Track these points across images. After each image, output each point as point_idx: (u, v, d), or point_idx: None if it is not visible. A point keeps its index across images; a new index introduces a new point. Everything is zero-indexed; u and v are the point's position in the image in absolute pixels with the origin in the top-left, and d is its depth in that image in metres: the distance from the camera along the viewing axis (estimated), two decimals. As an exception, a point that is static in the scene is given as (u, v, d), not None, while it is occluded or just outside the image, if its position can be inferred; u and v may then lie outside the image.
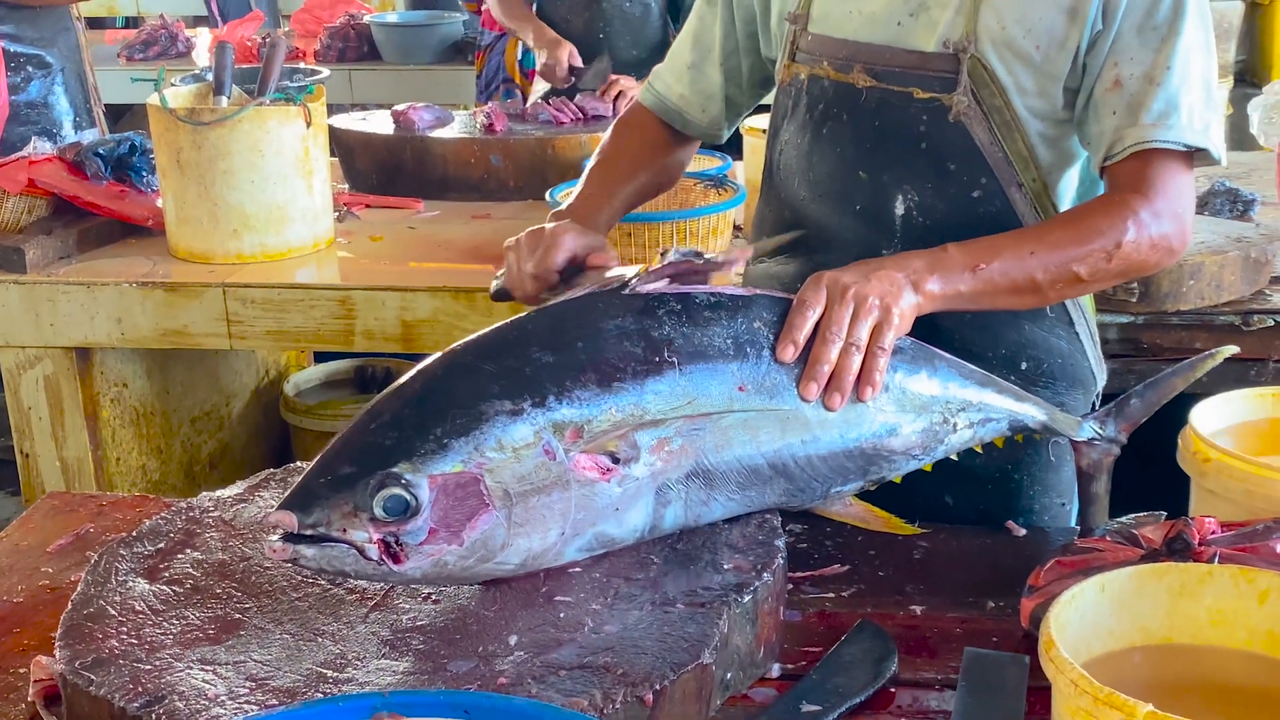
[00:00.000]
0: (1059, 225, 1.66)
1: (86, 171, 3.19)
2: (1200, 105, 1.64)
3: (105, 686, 1.21)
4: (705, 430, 1.42)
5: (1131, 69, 1.64)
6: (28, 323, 3.00)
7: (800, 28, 1.82)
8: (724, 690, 1.30)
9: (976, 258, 1.57)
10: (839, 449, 1.49)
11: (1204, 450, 1.53)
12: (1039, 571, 1.42)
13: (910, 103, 1.72)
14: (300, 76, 3.33)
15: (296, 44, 6.08)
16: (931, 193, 1.73)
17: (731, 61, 1.96)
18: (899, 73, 1.72)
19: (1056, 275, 1.60)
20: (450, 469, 1.31)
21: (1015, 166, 1.72)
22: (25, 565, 1.62)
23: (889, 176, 1.75)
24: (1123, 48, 1.64)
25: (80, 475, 3.12)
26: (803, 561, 1.56)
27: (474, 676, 1.21)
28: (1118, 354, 2.71)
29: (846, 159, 1.78)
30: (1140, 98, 1.63)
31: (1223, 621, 1.21)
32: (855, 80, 1.75)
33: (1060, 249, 1.60)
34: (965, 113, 1.69)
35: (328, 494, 1.30)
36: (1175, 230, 1.64)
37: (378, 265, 3.05)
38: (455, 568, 1.32)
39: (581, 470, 1.35)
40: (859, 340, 1.47)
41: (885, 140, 1.75)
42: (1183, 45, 1.63)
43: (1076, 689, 1.05)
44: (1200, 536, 1.35)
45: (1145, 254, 1.63)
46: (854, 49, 1.76)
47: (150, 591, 1.37)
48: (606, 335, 1.41)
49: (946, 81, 1.70)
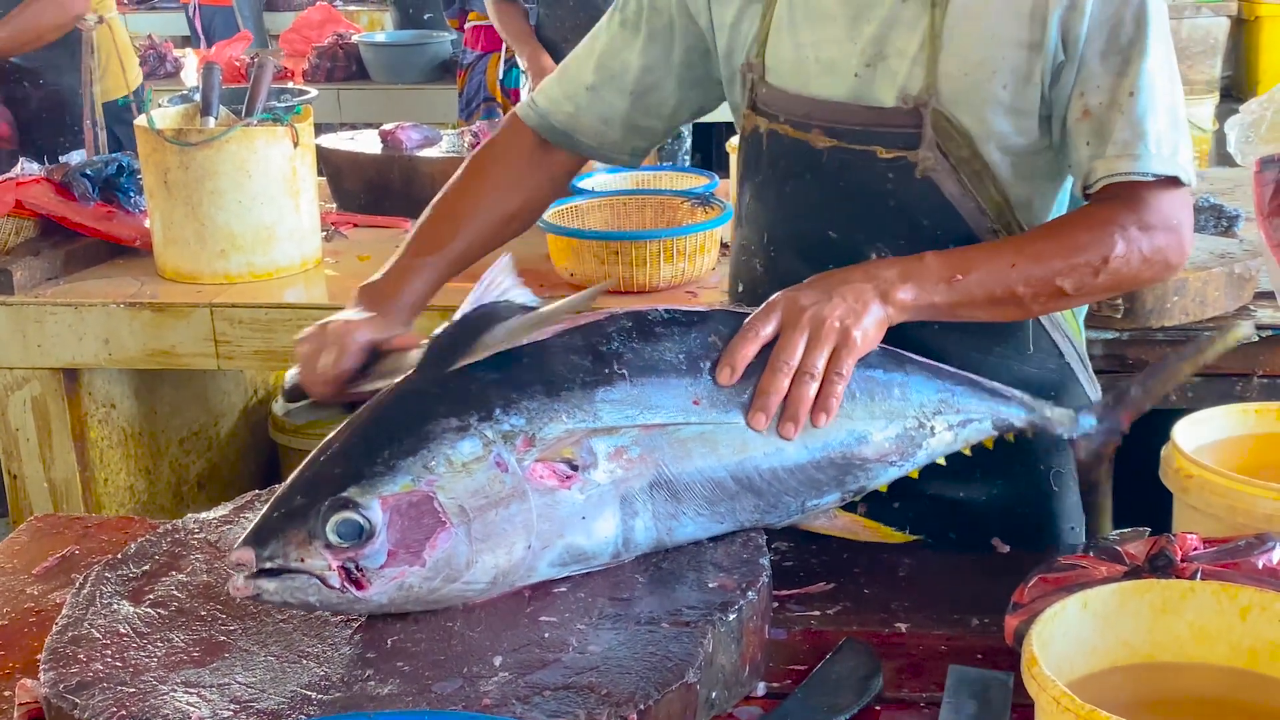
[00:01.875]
0: (1042, 237, 1.62)
1: (74, 192, 3.19)
2: (1167, 130, 1.60)
3: (89, 710, 1.21)
4: (662, 441, 1.42)
5: (1098, 97, 1.60)
6: (15, 344, 2.99)
7: (757, 76, 1.76)
8: (709, 709, 1.30)
9: (954, 268, 1.55)
10: (805, 461, 1.48)
11: (1186, 466, 1.54)
12: (1023, 588, 1.42)
13: (874, 162, 1.67)
14: (288, 96, 3.34)
15: (285, 64, 6.10)
16: (905, 249, 1.64)
17: (651, 97, 1.88)
18: (859, 131, 1.68)
19: (1038, 289, 1.58)
20: (400, 488, 1.31)
21: (989, 214, 1.68)
22: (10, 587, 1.62)
23: (860, 236, 1.70)
24: (1088, 76, 1.61)
25: (68, 496, 3.12)
26: (788, 579, 1.56)
27: (459, 697, 1.21)
28: (1103, 370, 2.70)
29: (814, 219, 1.73)
30: (1108, 127, 1.59)
31: (1205, 637, 1.21)
32: (813, 140, 1.71)
33: (1042, 262, 1.57)
34: (933, 168, 1.65)
35: (282, 526, 1.30)
36: (1170, 243, 1.61)
37: (365, 284, 3.04)
38: (421, 590, 1.32)
39: (538, 479, 1.36)
40: (814, 369, 1.45)
41: (851, 200, 1.70)
42: (1147, 69, 1.59)
43: (1059, 706, 1.05)
44: (1183, 553, 1.35)
45: (1137, 269, 1.59)
46: (810, 106, 1.71)
47: (135, 614, 1.37)
48: (552, 350, 1.42)
49: (909, 137, 1.65)
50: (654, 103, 1.89)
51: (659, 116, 1.91)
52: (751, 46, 1.77)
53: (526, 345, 1.42)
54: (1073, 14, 1.60)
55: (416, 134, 3.60)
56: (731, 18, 1.78)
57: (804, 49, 1.71)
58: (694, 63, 1.86)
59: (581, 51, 1.92)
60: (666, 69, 1.86)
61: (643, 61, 1.86)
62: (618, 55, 1.87)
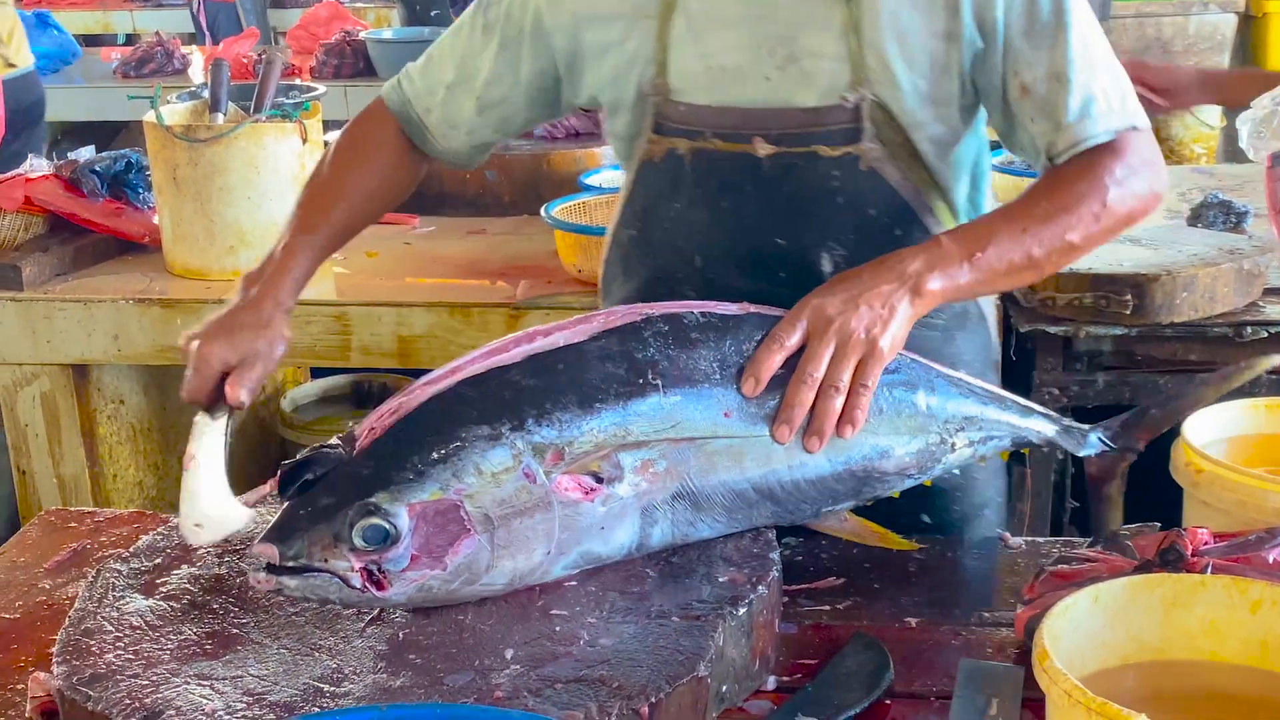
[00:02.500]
0: (1042, 197, 1.62)
1: (83, 189, 3.20)
2: (1111, 84, 1.63)
3: (103, 702, 1.21)
4: (689, 454, 1.41)
5: (1034, 73, 1.62)
6: (24, 340, 3.00)
7: (662, 98, 1.72)
8: (719, 703, 1.30)
9: (971, 246, 1.54)
10: (827, 473, 1.48)
11: (1197, 462, 1.54)
12: (1033, 583, 1.42)
13: (817, 161, 1.66)
14: (296, 93, 3.33)
15: (292, 60, 6.10)
16: (856, 244, 1.67)
17: (498, 110, 1.85)
18: (798, 133, 1.66)
19: (1051, 247, 1.58)
20: (428, 496, 1.31)
21: (924, 195, 1.70)
22: (22, 581, 1.63)
23: (810, 239, 1.69)
24: (1017, 56, 1.62)
25: (77, 492, 3.12)
26: (798, 574, 1.56)
27: (470, 690, 1.22)
28: (1112, 366, 2.72)
29: (759, 229, 1.70)
30: (1054, 99, 1.61)
31: (1215, 632, 1.21)
32: (754, 149, 1.67)
33: (1051, 221, 1.58)
34: (877, 159, 1.66)
35: (307, 526, 1.31)
36: (1153, 178, 1.64)
37: (374, 281, 3.05)
38: (441, 591, 1.33)
39: (564, 491, 1.36)
40: (840, 382, 1.44)
41: (799, 203, 1.69)
42: (1076, 36, 1.61)
43: (1070, 700, 1.05)
44: (1193, 547, 1.35)
45: (1131, 206, 1.61)
46: (741, 116, 1.68)
47: (147, 607, 1.38)
48: (589, 356, 1.40)
49: (849, 133, 1.65)
50: (500, 116, 1.86)
51: (502, 130, 1.88)
52: (648, 68, 1.71)
53: (563, 349, 1.40)
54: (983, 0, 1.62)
55: (424, 130, 3.60)
56: (617, 37, 1.73)
57: (710, 58, 1.68)
58: (546, 85, 1.82)
59: (447, 42, 1.87)
60: (514, 83, 1.82)
61: (492, 70, 1.82)
62: (476, 57, 1.83)
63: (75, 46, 6.62)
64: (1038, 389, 2.72)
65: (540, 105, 1.85)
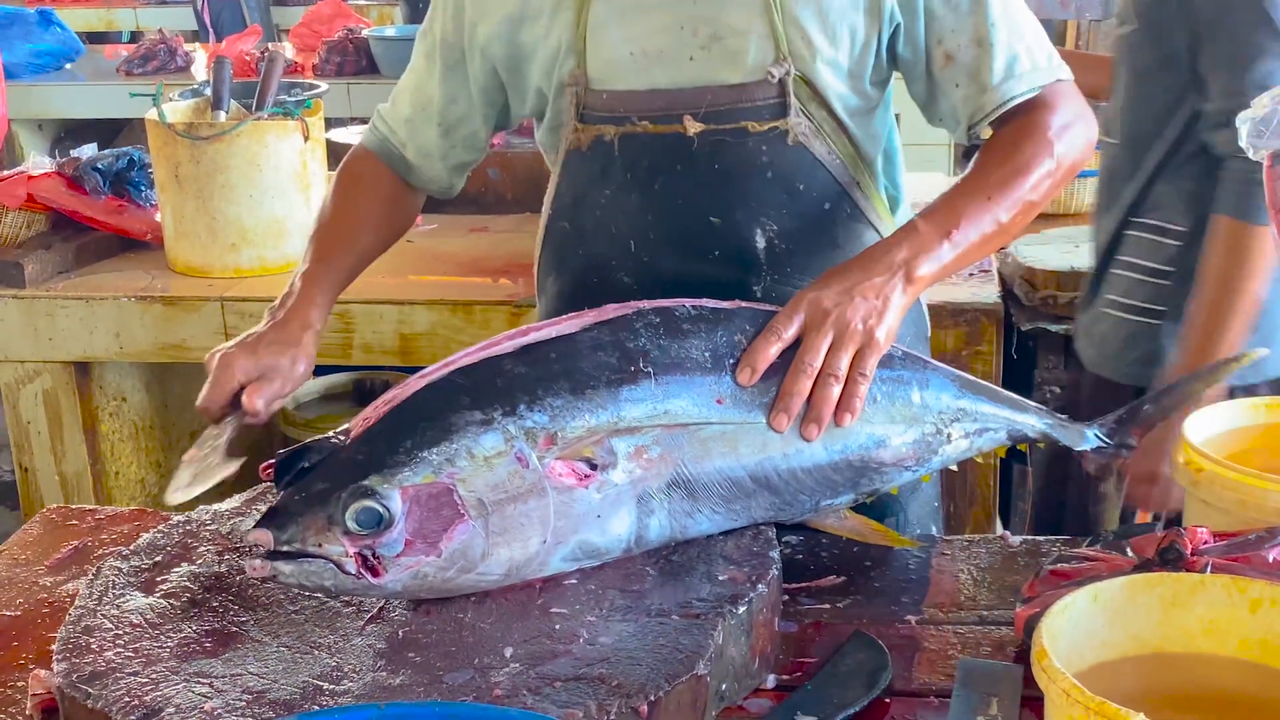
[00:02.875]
0: (994, 164, 1.65)
1: (85, 186, 3.20)
2: (1034, 41, 1.68)
3: (102, 700, 1.22)
4: (683, 440, 1.42)
5: (956, 40, 1.67)
6: (27, 337, 3.01)
7: (581, 88, 1.73)
8: (719, 701, 1.30)
9: (947, 224, 1.58)
10: (824, 462, 1.49)
11: (1196, 460, 1.54)
12: (1033, 581, 1.42)
13: (746, 137, 1.69)
14: (298, 91, 3.34)
15: (294, 58, 6.09)
16: (787, 218, 1.71)
17: (461, 130, 1.87)
18: (726, 110, 1.68)
19: (1015, 209, 1.63)
20: (421, 480, 1.32)
21: (849, 167, 1.74)
22: (23, 579, 1.63)
23: (742, 215, 1.71)
24: (939, 24, 1.67)
25: (79, 489, 3.13)
26: (798, 573, 1.56)
27: (470, 688, 1.22)
28: (1113, 364, 2.71)
29: (692, 209, 1.72)
30: (979, 63, 1.66)
31: (1215, 631, 1.21)
32: (684, 128, 1.69)
33: (1010, 184, 1.62)
34: (803, 133, 1.69)
35: (301, 510, 1.31)
36: (1088, 127, 1.70)
37: (375, 279, 3.03)
38: (436, 579, 1.33)
39: (557, 477, 1.36)
40: (838, 370, 1.46)
41: (730, 180, 1.71)
42: (994, 2, 1.66)
43: (1069, 699, 1.05)
44: (1193, 546, 1.35)
45: (1075, 156, 1.67)
46: (669, 98, 1.69)
47: (147, 605, 1.38)
48: (581, 346, 1.42)
49: (775, 108, 1.68)
50: (464, 135, 1.88)
51: (473, 149, 1.91)
52: (567, 59, 1.72)
53: (555, 339, 1.42)
54: None
55: (426, 128, 3.60)
56: (541, 32, 1.74)
57: (628, 44, 1.69)
58: (495, 99, 1.85)
59: (403, 80, 1.91)
60: (469, 101, 1.85)
61: (444, 93, 1.85)
62: (425, 85, 1.87)
63: (78, 44, 6.62)
64: (1039, 387, 2.73)
65: (497, 118, 1.89)
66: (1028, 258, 2.79)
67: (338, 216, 1.87)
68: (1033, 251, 2.83)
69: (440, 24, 1.83)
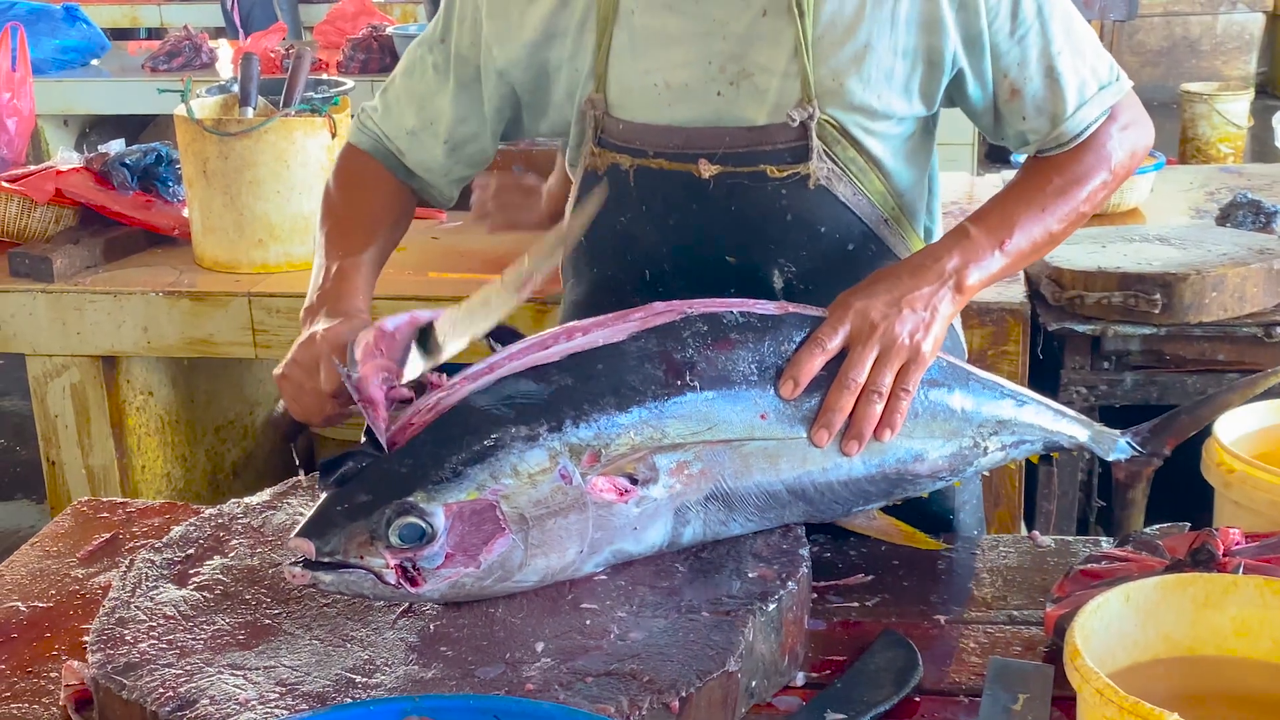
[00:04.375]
0: (1052, 172, 1.63)
1: (113, 181, 3.22)
2: (1095, 55, 1.64)
3: (137, 691, 1.22)
4: (725, 456, 1.41)
5: (1024, 73, 1.61)
6: (55, 331, 3.02)
7: (600, 112, 1.67)
8: (749, 698, 1.30)
9: (1000, 233, 1.56)
10: (861, 475, 1.48)
11: (1228, 461, 1.54)
12: (1064, 581, 1.42)
13: (765, 182, 1.62)
14: (325, 88, 3.35)
15: (319, 55, 6.12)
16: (807, 259, 1.65)
17: (469, 148, 1.80)
18: (744, 153, 1.62)
19: (1067, 220, 1.62)
20: (465, 496, 1.32)
21: (878, 205, 1.67)
22: (55, 571, 1.64)
23: (759, 256, 1.66)
24: (1004, 59, 1.61)
25: (106, 483, 3.14)
26: (827, 571, 1.56)
27: (501, 682, 1.22)
28: (1140, 365, 2.71)
29: (707, 246, 1.66)
30: (1048, 95, 1.62)
31: (1247, 632, 1.21)
32: (698, 170, 1.63)
33: (1066, 195, 1.61)
34: (826, 176, 1.62)
35: (344, 522, 1.31)
36: (1145, 131, 1.69)
37: (400, 275, 3.06)
38: (473, 588, 1.33)
39: (599, 493, 1.36)
40: (881, 387, 1.44)
41: (746, 222, 1.64)
42: (1057, 25, 1.61)
43: (1102, 698, 1.05)
44: (1224, 547, 1.35)
45: (1130, 165, 1.66)
46: (686, 136, 1.63)
47: (180, 597, 1.39)
48: (628, 357, 1.40)
49: (798, 151, 1.61)
50: (472, 153, 1.81)
51: (477, 164, 1.84)
52: (588, 82, 1.67)
53: (603, 349, 1.40)
54: (966, 14, 1.58)
55: (452, 125, 3.61)
56: (568, 53, 1.68)
57: (651, 75, 1.63)
58: (510, 116, 1.78)
59: (400, 85, 1.81)
60: (481, 120, 1.77)
61: (455, 112, 1.77)
62: (434, 99, 1.78)
63: (103, 39, 6.66)
64: (1065, 388, 2.72)
65: (505, 132, 1.81)
66: (1055, 257, 2.78)
67: (351, 214, 1.78)
68: (1060, 251, 2.82)
69: (456, 38, 1.75)
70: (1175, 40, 8.82)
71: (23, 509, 4.44)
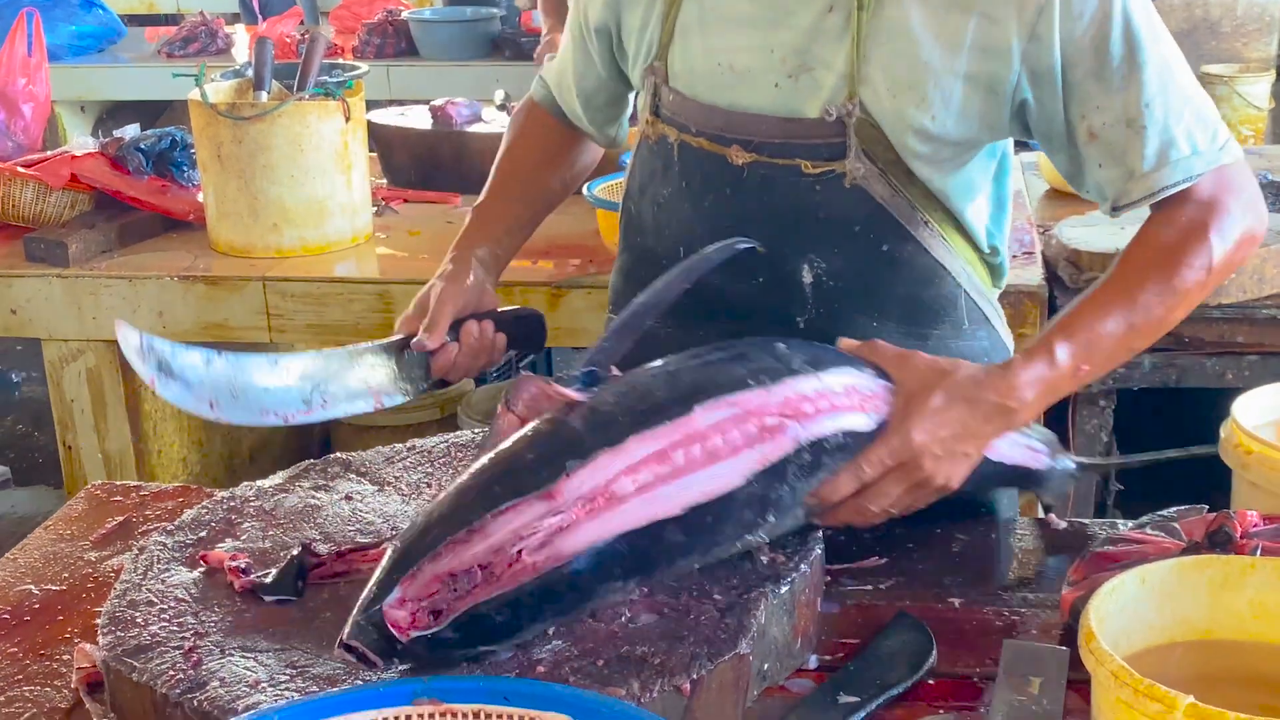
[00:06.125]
0: (1150, 275, 1.50)
1: (128, 166, 3.22)
2: (1194, 122, 1.51)
3: (147, 673, 1.23)
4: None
5: (1103, 118, 1.50)
6: (70, 316, 3.03)
7: (660, 80, 1.69)
8: (761, 681, 1.30)
9: (1082, 357, 1.47)
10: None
11: (1246, 443, 1.52)
12: (1079, 564, 1.41)
13: (799, 176, 1.59)
14: (339, 72, 3.34)
15: (334, 40, 6.11)
16: (839, 257, 1.62)
17: (599, 98, 1.88)
18: (779, 145, 1.59)
19: (1154, 335, 1.52)
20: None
21: (919, 207, 1.61)
22: (68, 554, 1.64)
23: (789, 249, 1.62)
24: (1084, 99, 1.50)
25: (122, 468, 3.15)
26: (841, 554, 1.55)
27: (512, 665, 1.22)
28: (1159, 348, 2.68)
29: (739, 234, 1.62)
30: (1127, 146, 1.50)
31: (1264, 614, 1.20)
32: (731, 156, 1.62)
33: (1159, 307, 1.49)
34: (863, 177, 1.57)
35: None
36: (1255, 221, 1.53)
37: (416, 259, 3.06)
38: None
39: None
40: (888, 511, 1.43)
41: (778, 215, 1.62)
42: (1152, 73, 1.48)
43: (1117, 680, 1.04)
44: (1242, 529, 1.34)
45: (1233, 259, 1.53)
46: (725, 119, 1.62)
47: (192, 580, 1.39)
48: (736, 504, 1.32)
49: (835, 148, 1.57)
50: (603, 103, 1.89)
51: (617, 109, 1.91)
52: (654, 50, 1.69)
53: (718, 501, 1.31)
54: (1037, 46, 1.49)
55: (466, 109, 3.60)
56: (639, 21, 1.71)
57: (716, 55, 1.63)
58: (615, 72, 1.83)
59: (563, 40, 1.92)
60: (598, 76, 1.85)
61: (576, 67, 1.87)
62: (568, 53, 1.88)
63: (120, 25, 6.66)
64: (1082, 370, 2.70)
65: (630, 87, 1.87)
66: (1072, 239, 2.76)
67: (506, 162, 1.92)
68: (1078, 233, 2.80)
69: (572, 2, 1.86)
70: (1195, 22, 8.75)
71: (40, 494, 4.45)
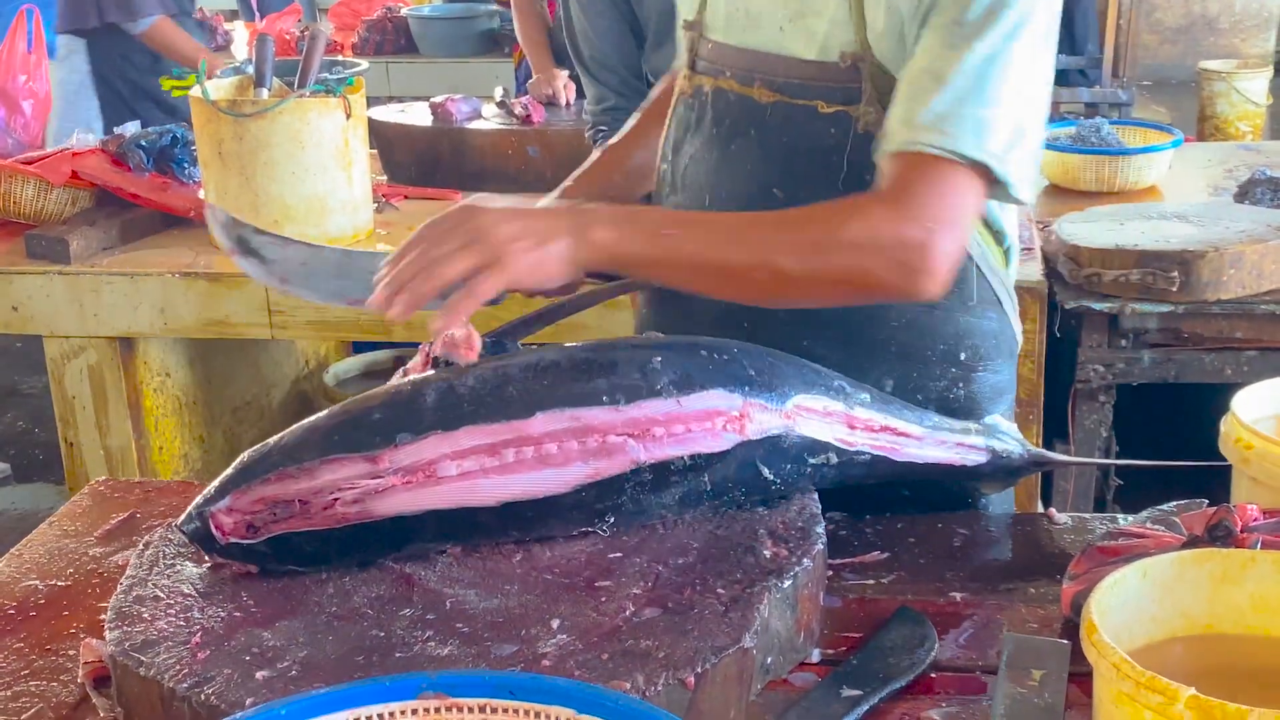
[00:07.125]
0: (778, 214, 1.56)
1: (129, 163, 3.23)
2: (1005, 131, 1.47)
3: (154, 668, 1.23)
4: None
5: (920, 60, 1.50)
6: (72, 313, 3.03)
7: (698, 34, 1.74)
8: (764, 674, 1.31)
9: (670, 222, 1.55)
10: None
11: (1246, 438, 1.53)
12: (1080, 559, 1.42)
13: (815, 117, 1.61)
14: (339, 69, 3.35)
15: (334, 36, 6.12)
16: None
17: None
18: (799, 84, 1.62)
19: (751, 260, 1.48)
20: None
21: None
22: (73, 550, 1.65)
23: (805, 194, 1.58)
24: (922, 35, 1.51)
25: (124, 464, 3.16)
26: (843, 548, 1.56)
27: (518, 659, 1.22)
28: (1158, 344, 2.70)
29: (758, 177, 1.65)
30: (920, 93, 1.48)
31: (1265, 608, 1.20)
32: (757, 95, 1.66)
33: (759, 231, 1.50)
34: (874, 123, 1.56)
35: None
36: (919, 238, 1.44)
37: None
38: None
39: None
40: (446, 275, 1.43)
41: (795, 157, 1.64)
42: (981, 56, 1.46)
43: (1118, 673, 1.05)
44: (1242, 523, 1.35)
45: (870, 259, 1.46)
46: (752, 59, 1.67)
47: (198, 574, 1.39)
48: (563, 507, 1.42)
49: (850, 92, 1.59)
50: None
51: None
52: (694, 3, 1.76)
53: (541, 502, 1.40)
54: None
55: (466, 106, 3.62)
56: None
57: (735, 1, 1.70)
58: None
59: None
60: None
61: None
62: None
63: (120, 23, 6.65)
64: (1083, 366, 2.71)
65: None
66: (1072, 235, 2.77)
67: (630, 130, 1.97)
68: (1077, 229, 2.81)
69: None
70: (1194, 18, 8.76)
71: (41, 491, 4.46)
